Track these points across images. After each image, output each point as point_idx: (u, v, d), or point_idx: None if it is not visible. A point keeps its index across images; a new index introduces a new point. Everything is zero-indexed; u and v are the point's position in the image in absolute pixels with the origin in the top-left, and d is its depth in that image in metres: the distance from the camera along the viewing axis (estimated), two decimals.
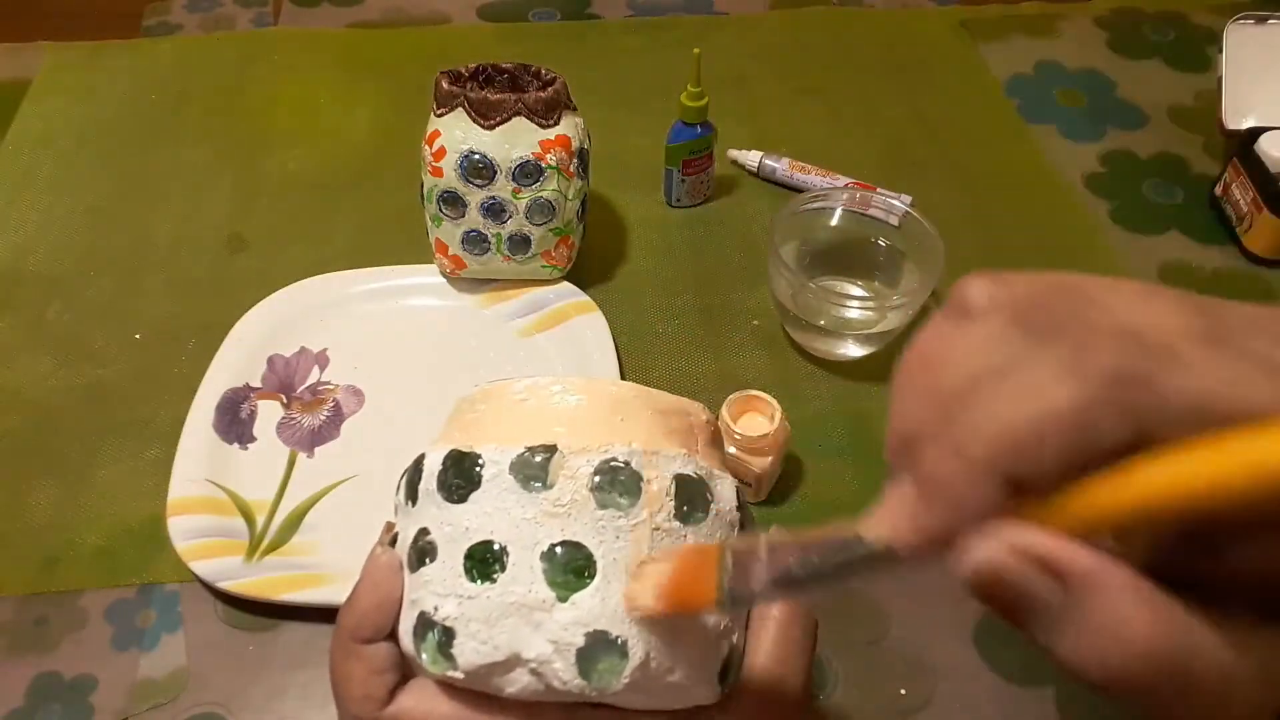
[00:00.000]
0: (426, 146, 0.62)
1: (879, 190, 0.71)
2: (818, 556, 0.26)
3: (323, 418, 0.61)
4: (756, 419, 0.56)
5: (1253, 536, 0.21)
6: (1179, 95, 0.88)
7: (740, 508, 0.32)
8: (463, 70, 0.63)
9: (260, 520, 0.56)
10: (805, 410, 0.63)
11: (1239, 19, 0.80)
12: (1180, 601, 0.21)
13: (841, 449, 0.61)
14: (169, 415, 0.61)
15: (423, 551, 0.30)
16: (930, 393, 0.24)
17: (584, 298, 0.66)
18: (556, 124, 0.61)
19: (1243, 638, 0.21)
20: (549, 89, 0.61)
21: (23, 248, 0.73)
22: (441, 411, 0.33)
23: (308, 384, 0.63)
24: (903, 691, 0.51)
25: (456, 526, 0.29)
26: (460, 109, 0.61)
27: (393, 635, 0.31)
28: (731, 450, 0.55)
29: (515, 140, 0.61)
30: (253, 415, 0.61)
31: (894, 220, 0.67)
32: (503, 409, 0.31)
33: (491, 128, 0.61)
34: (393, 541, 0.32)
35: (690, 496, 0.29)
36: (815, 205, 0.67)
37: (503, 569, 0.28)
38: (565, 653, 0.27)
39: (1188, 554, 0.22)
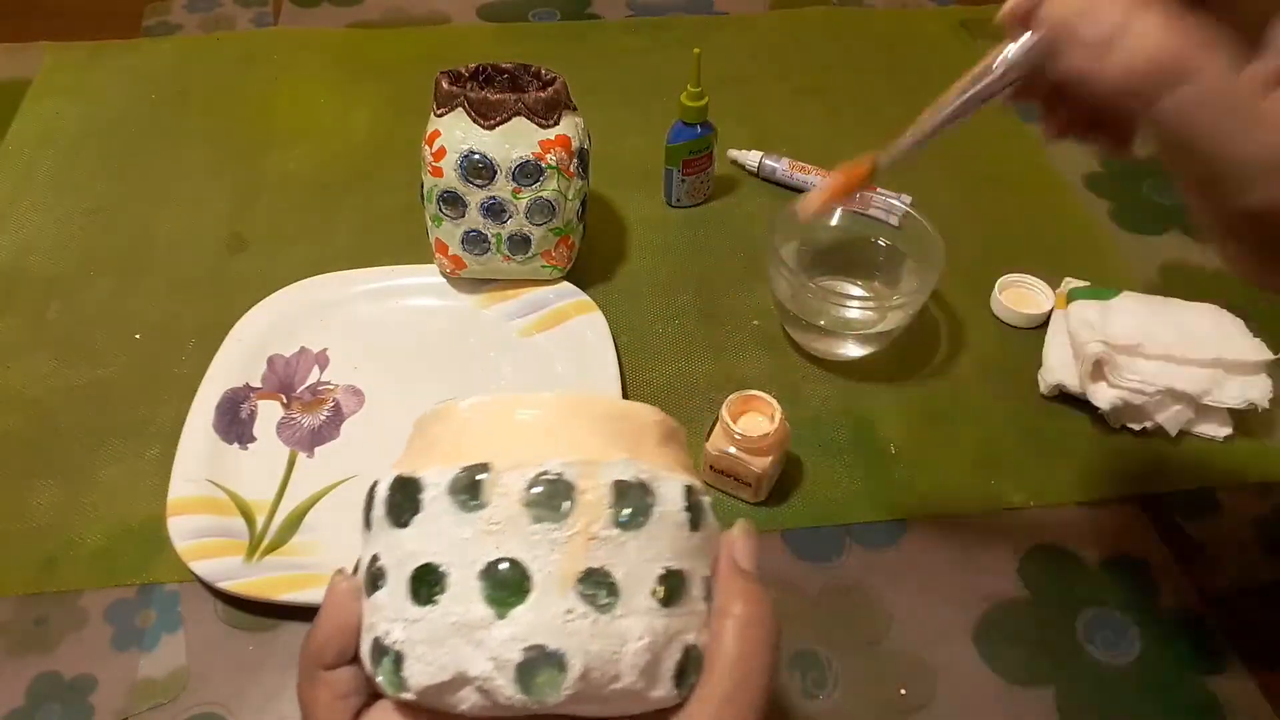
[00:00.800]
0: (426, 146, 0.62)
1: (879, 190, 0.71)
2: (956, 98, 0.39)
3: (323, 418, 0.61)
4: (756, 419, 0.56)
5: None
6: None
7: (690, 507, 0.31)
8: (463, 70, 0.63)
9: (260, 520, 0.56)
10: (805, 410, 0.63)
11: None
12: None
13: (841, 449, 0.61)
14: (169, 415, 0.61)
15: (375, 577, 0.30)
16: None
17: (584, 298, 0.67)
18: (556, 124, 0.61)
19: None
20: (549, 89, 0.61)
21: (23, 248, 0.73)
22: None
23: (308, 384, 0.63)
24: (903, 691, 0.51)
25: (402, 551, 0.30)
26: (460, 109, 0.61)
27: (357, 659, 0.31)
28: (731, 450, 0.55)
29: (515, 140, 0.61)
30: (253, 415, 0.61)
31: (894, 220, 0.67)
32: (449, 430, 0.31)
33: (491, 128, 0.61)
34: (356, 568, 0.32)
35: (629, 502, 0.29)
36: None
37: (444, 590, 0.28)
38: (505, 669, 0.28)
39: None
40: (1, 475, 0.59)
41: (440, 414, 0.32)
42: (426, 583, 0.29)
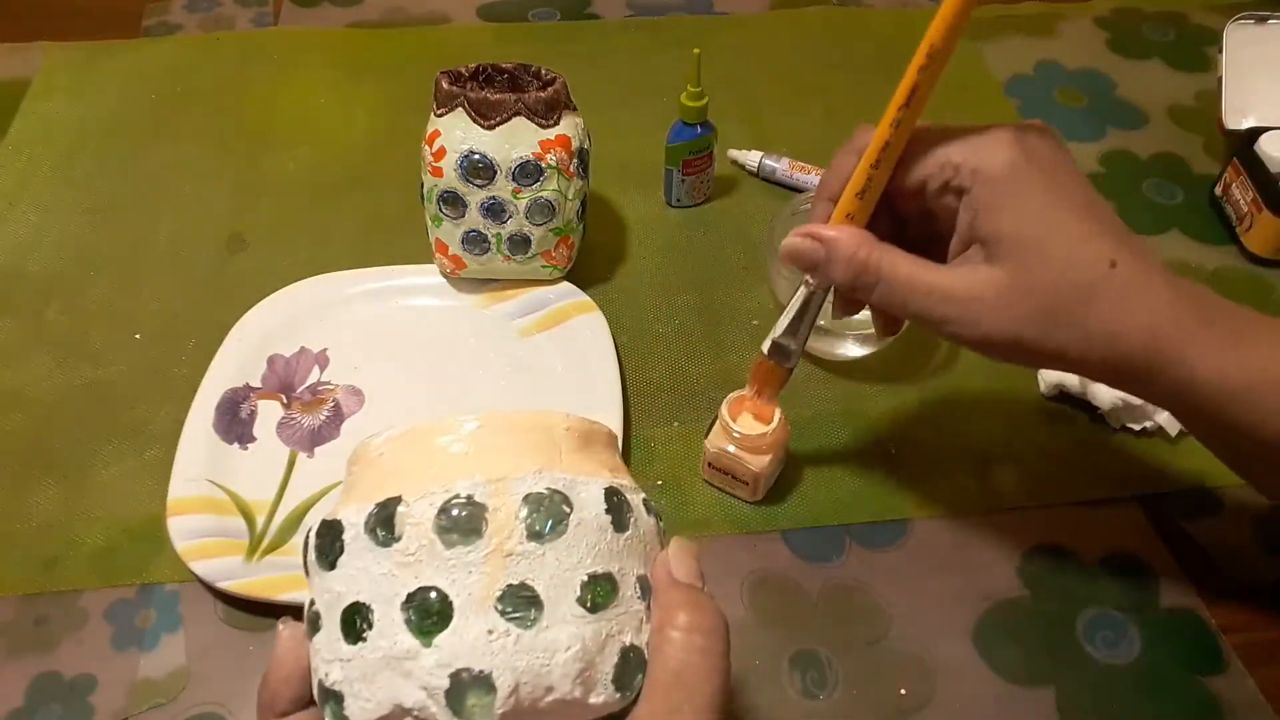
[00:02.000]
0: (426, 146, 0.62)
1: None
2: (789, 307, 0.49)
3: (323, 418, 0.61)
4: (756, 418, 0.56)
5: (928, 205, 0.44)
6: (1179, 95, 0.88)
7: (611, 509, 0.31)
8: (463, 70, 0.63)
9: (260, 520, 0.56)
10: (805, 410, 0.63)
11: (1239, 19, 0.80)
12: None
13: (841, 449, 0.61)
14: (169, 415, 0.61)
15: (312, 622, 0.31)
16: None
17: (584, 298, 0.67)
18: (556, 124, 0.61)
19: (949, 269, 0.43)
20: (549, 89, 0.61)
21: (23, 248, 0.73)
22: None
23: (308, 384, 0.63)
24: (903, 691, 0.51)
25: (331, 593, 0.30)
26: (460, 109, 0.61)
27: (311, 702, 0.32)
28: (730, 449, 0.55)
29: (515, 140, 0.61)
30: (253, 415, 0.61)
31: None
32: (367, 468, 0.32)
33: (491, 128, 0.61)
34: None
35: (543, 514, 0.30)
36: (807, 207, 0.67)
37: (370, 627, 0.29)
38: (436, 696, 0.28)
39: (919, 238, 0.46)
40: (1, 475, 0.59)
41: (358, 453, 0.33)
42: (354, 621, 0.29)
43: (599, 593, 0.30)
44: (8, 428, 0.62)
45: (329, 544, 0.31)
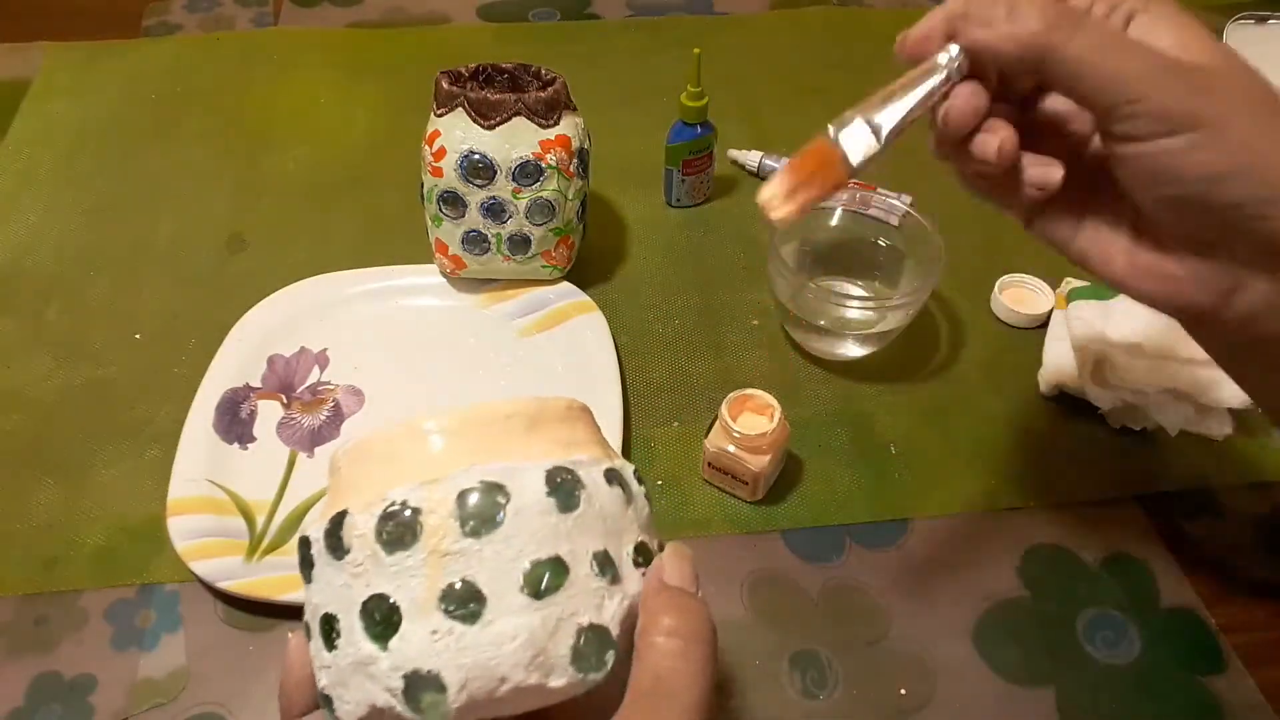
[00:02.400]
0: (426, 146, 0.62)
1: (879, 190, 0.71)
2: (894, 91, 0.37)
3: (323, 418, 0.61)
4: (756, 418, 0.56)
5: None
6: None
7: (554, 490, 0.31)
8: (463, 70, 0.63)
9: (260, 520, 0.56)
10: (805, 410, 0.63)
11: (1239, 19, 0.80)
12: None
13: (841, 449, 0.61)
14: (169, 415, 0.61)
15: (307, 630, 0.32)
16: None
17: (584, 298, 0.67)
18: (556, 124, 0.61)
19: None
20: (549, 89, 0.61)
21: (23, 248, 0.73)
22: None
23: (308, 384, 0.63)
24: (903, 691, 0.51)
25: (312, 604, 0.32)
26: (460, 109, 0.61)
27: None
28: (730, 449, 0.55)
29: (515, 140, 0.61)
30: (253, 415, 0.61)
31: (894, 220, 0.67)
32: (333, 482, 0.33)
33: (491, 128, 0.61)
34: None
35: (476, 509, 0.30)
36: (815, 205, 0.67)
37: (339, 635, 0.30)
38: (397, 696, 0.29)
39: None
40: (1, 475, 0.59)
41: (330, 465, 0.34)
42: (328, 630, 0.31)
43: (544, 577, 0.30)
44: (8, 428, 0.62)
45: (304, 559, 0.32)
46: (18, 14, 0.96)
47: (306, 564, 0.32)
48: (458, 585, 0.29)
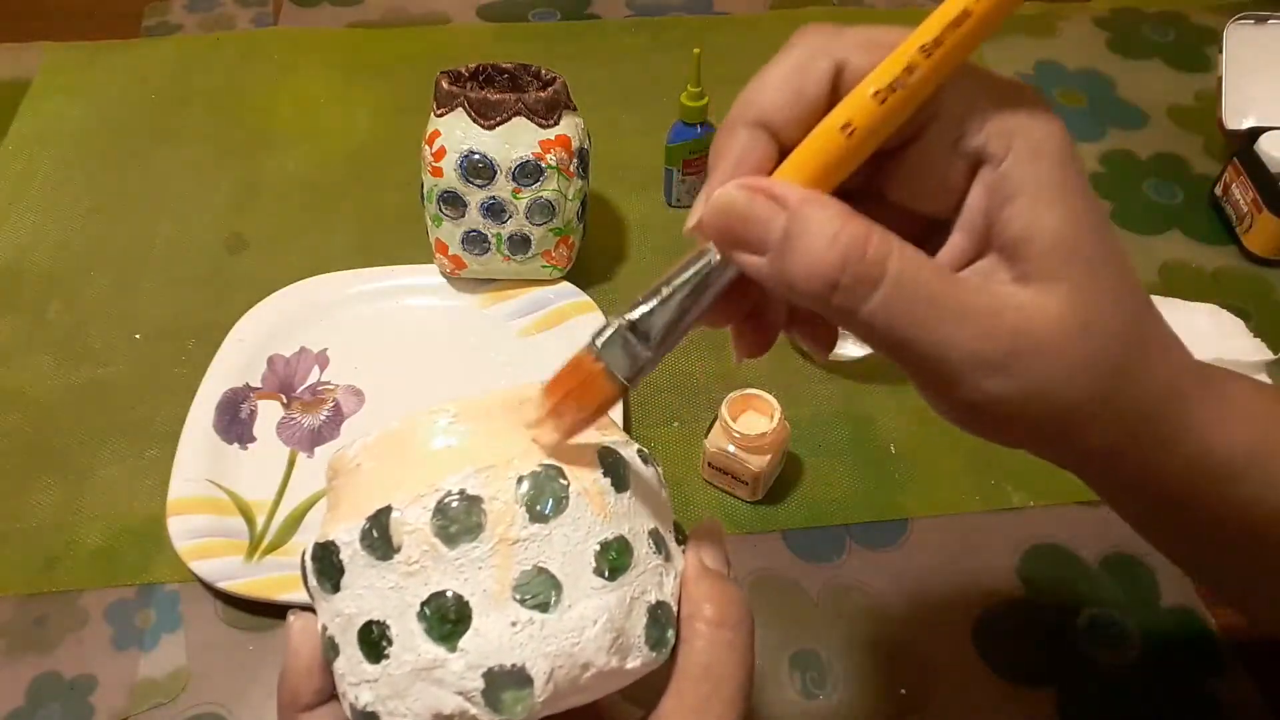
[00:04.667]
0: (426, 146, 0.62)
1: None
2: (664, 285, 0.29)
3: (323, 418, 0.61)
4: (756, 418, 0.56)
5: (904, 169, 0.29)
6: (1179, 95, 0.88)
7: (607, 471, 0.30)
8: (463, 70, 0.63)
9: (260, 520, 0.56)
10: (805, 410, 0.63)
11: (1239, 19, 0.80)
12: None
13: (841, 449, 0.61)
14: (169, 415, 0.61)
15: (330, 647, 0.30)
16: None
17: (584, 298, 0.66)
18: (556, 124, 0.61)
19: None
20: (549, 89, 0.61)
21: (23, 247, 0.73)
22: None
23: (308, 384, 0.63)
24: (903, 691, 0.51)
25: (342, 616, 0.29)
26: (460, 109, 0.61)
27: (335, 696, 0.31)
28: (730, 448, 0.55)
29: (515, 140, 0.61)
30: (253, 415, 0.61)
31: None
32: (347, 481, 0.31)
33: (491, 128, 0.61)
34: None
35: (541, 493, 0.29)
36: None
37: (390, 643, 0.28)
38: (474, 698, 0.27)
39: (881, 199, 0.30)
40: (1, 475, 0.59)
41: (334, 466, 0.32)
42: (372, 640, 0.29)
43: (615, 558, 0.29)
44: (8, 428, 0.61)
45: (327, 567, 0.30)
46: (18, 14, 0.96)
47: (331, 572, 0.30)
48: (531, 572, 0.28)
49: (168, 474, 0.57)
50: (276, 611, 0.52)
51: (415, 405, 0.32)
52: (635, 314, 0.29)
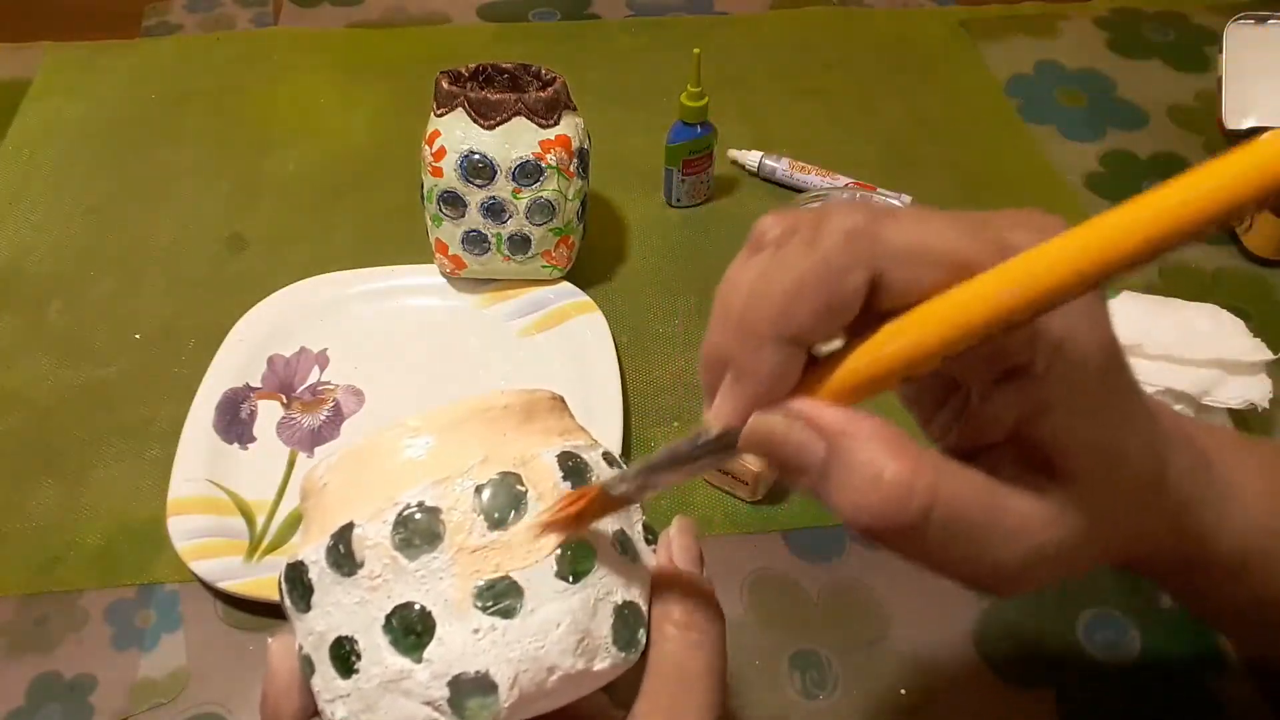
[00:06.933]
0: (426, 146, 0.62)
1: (879, 190, 0.71)
2: (668, 452, 0.30)
3: (323, 418, 0.61)
4: None
5: (987, 393, 0.27)
6: (1179, 95, 0.88)
7: (568, 474, 0.30)
8: (463, 70, 0.63)
9: (260, 520, 0.56)
10: None
11: (1239, 19, 0.80)
12: (934, 451, 0.25)
13: None
14: (169, 415, 0.61)
15: (306, 664, 0.31)
16: (726, 311, 0.26)
17: (584, 298, 0.66)
18: (556, 124, 0.61)
19: (1018, 487, 0.26)
20: (549, 89, 0.61)
21: (23, 248, 0.73)
22: None
23: (308, 384, 0.63)
24: (903, 691, 0.51)
25: (315, 634, 0.30)
26: (460, 109, 0.61)
27: (316, 714, 0.31)
28: None
29: (515, 140, 0.61)
30: (253, 415, 0.61)
31: None
32: (315, 502, 0.31)
33: (491, 128, 0.61)
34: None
35: (497, 501, 0.29)
36: (815, 205, 0.67)
37: (359, 657, 0.29)
38: (440, 707, 0.28)
39: (954, 424, 0.29)
40: (1, 475, 0.59)
41: (304, 487, 0.32)
42: (343, 655, 0.29)
43: (575, 561, 0.29)
44: (8, 428, 0.61)
45: (298, 586, 0.31)
46: (18, 14, 0.96)
47: (302, 591, 0.30)
48: (492, 579, 0.28)
49: (168, 474, 0.57)
50: (276, 612, 0.52)
51: (415, 405, 0.32)
52: (630, 474, 0.29)
